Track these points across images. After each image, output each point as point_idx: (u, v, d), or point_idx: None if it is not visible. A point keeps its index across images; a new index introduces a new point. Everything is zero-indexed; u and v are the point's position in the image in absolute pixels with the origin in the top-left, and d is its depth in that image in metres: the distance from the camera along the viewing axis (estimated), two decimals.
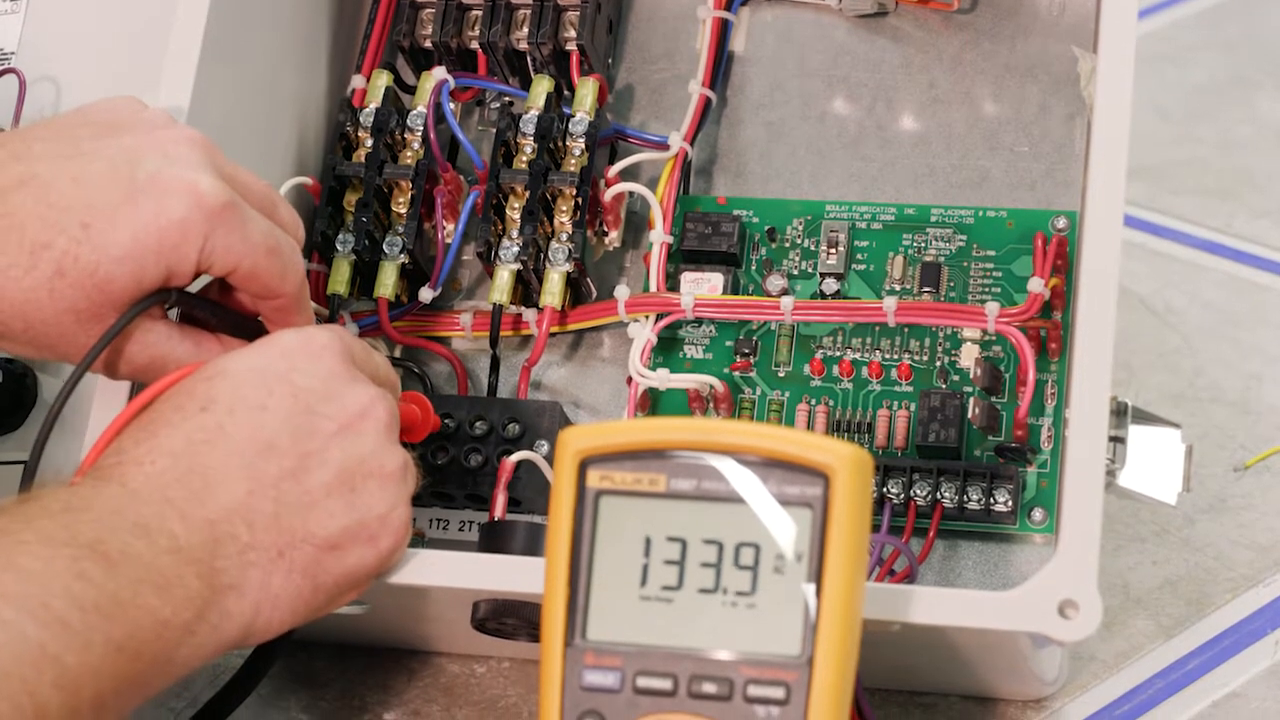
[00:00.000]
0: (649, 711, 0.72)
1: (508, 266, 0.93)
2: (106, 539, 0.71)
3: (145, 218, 0.78)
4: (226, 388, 0.77)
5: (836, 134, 0.98)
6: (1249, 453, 1.03)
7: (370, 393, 0.80)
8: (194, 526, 0.74)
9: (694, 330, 0.95)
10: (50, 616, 0.67)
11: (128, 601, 0.70)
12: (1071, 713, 0.91)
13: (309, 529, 0.76)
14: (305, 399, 0.78)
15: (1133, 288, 1.12)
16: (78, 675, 0.68)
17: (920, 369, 0.92)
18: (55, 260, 0.77)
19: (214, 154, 0.81)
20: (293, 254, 0.83)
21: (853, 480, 0.72)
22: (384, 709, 0.94)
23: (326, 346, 0.80)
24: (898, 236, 0.95)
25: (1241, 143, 1.23)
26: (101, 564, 0.70)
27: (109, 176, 0.78)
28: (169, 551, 0.73)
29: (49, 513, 0.71)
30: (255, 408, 0.77)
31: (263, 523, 0.75)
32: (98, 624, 0.69)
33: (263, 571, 0.75)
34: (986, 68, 0.98)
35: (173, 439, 0.76)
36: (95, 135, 0.80)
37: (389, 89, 0.97)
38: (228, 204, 0.79)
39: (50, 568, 0.69)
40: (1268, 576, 0.97)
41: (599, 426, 0.75)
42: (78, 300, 0.78)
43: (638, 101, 1.01)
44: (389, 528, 0.79)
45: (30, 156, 0.79)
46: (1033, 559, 0.89)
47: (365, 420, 0.79)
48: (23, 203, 0.77)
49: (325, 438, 0.78)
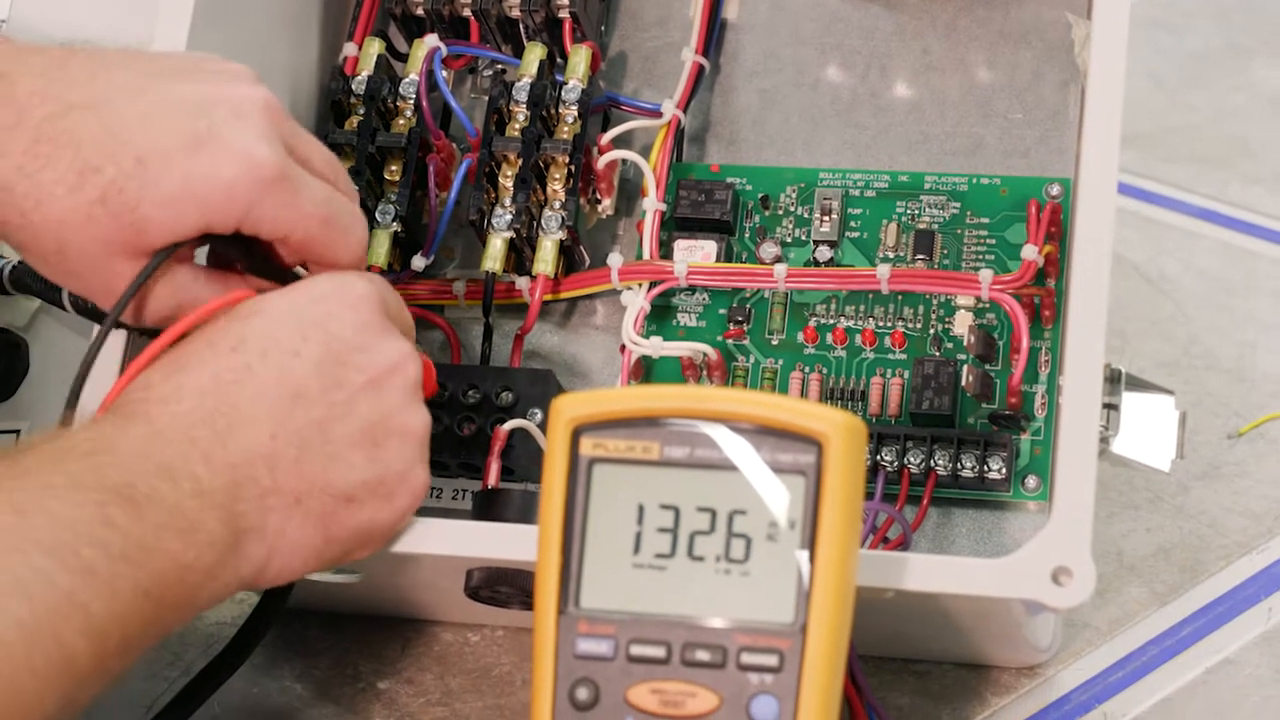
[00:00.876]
0: (642, 679, 0.72)
1: (500, 234, 0.93)
2: (133, 483, 0.71)
3: (198, 171, 0.77)
4: (259, 329, 0.77)
5: (830, 101, 0.98)
6: (1243, 420, 1.03)
7: (403, 348, 0.80)
8: (217, 469, 0.74)
9: (687, 298, 0.95)
10: (79, 564, 0.68)
11: (153, 547, 0.71)
12: (1065, 680, 0.91)
13: (328, 479, 0.77)
14: (337, 348, 0.78)
15: (1127, 255, 1.12)
16: (105, 622, 0.68)
17: (914, 336, 0.92)
18: (101, 187, 0.77)
19: (282, 121, 0.80)
20: (352, 225, 0.82)
21: (846, 448, 0.72)
22: (377, 678, 0.94)
23: (364, 297, 0.79)
24: (891, 204, 0.95)
25: (1236, 110, 1.23)
26: (128, 509, 0.70)
27: (176, 121, 0.78)
28: (193, 495, 0.73)
29: (78, 454, 0.72)
30: (287, 352, 0.77)
31: (284, 468, 0.76)
32: (124, 571, 0.69)
33: (280, 517, 0.76)
34: (980, 34, 0.97)
35: (201, 377, 0.76)
36: (174, 76, 0.80)
37: (381, 57, 0.97)
38: (280, 175, 0.79)
39: (79, 513, 0.69)
40: (1261, 543, 0.97)
41: (592, 394, 0.75)
42: (111, 232, 0.78)
43: (631, 69, 1.01)
44: (407, 486, 0.79)
45: (105, 82, 0.78)
46: (1026, 526, 0.89)
47: (394, 376, 0.79)
48: (86, 123, 0.77)
49: (353, 390, 0.78)
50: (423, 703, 0.92)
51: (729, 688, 0.72)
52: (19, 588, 0.66)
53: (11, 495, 0.68)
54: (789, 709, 0.71)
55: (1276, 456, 1.01)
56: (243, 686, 0.93)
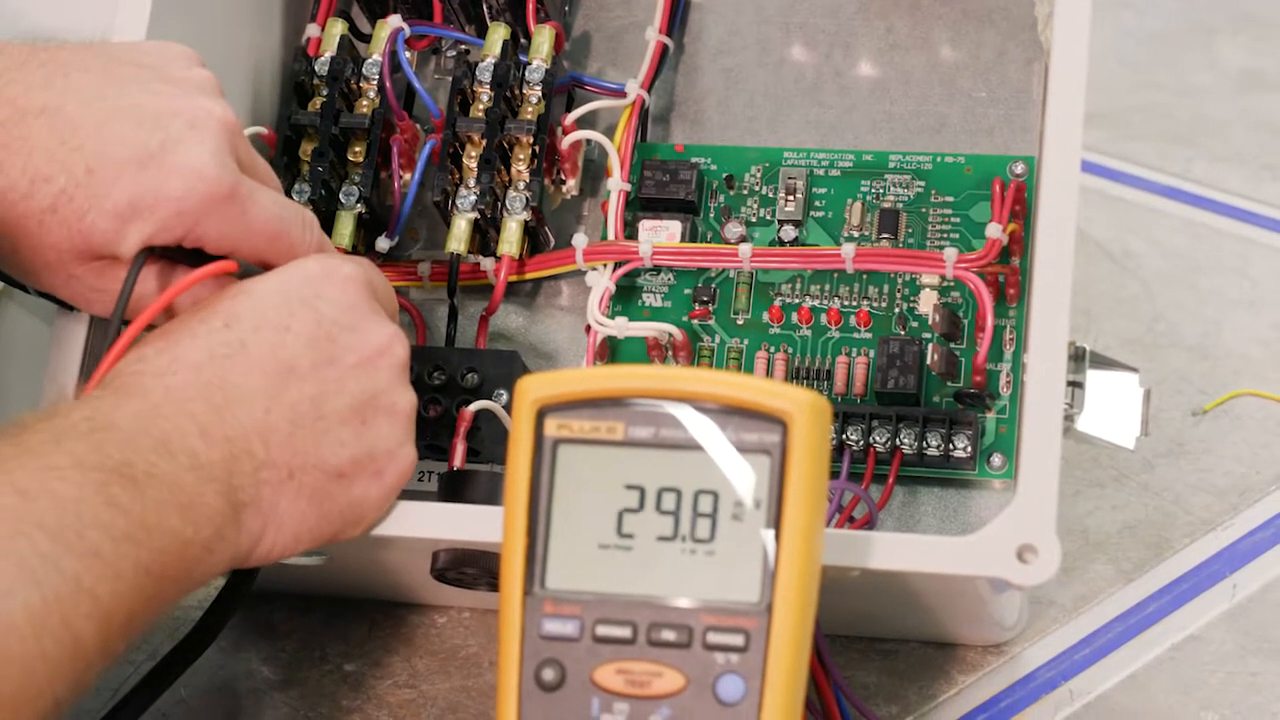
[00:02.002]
0: (608, 659, 0.72)
1: (465, 215, 0.93)
2: (133, 460, 0.71)
3: (145, 185, 0.78)
4: (250, 306, 0.78)
5: (794, 80, 0.98)
6: (1207, 397, 1.03)
7: (390, 330, 0.81)
8: (213, 442, 0.74)
9: (652, 278, 0.95)
10: (85, 548, 0.68)
11: (154, 526, 0.71)
12: (1031, 657, 0.91)
13: (320, 454, 0.77)
14: (328, 327, 0.79)
15: (1091, 233, 1.12)
16: (109, 604, 0.68)
17: (879, 315, 0.92)
18: (52, 195, 0.78)
19: (239, 139, 0.81)
20: (303, 235, 0.83)
21: (811, 427, 0.72)
22: (344, 660, 0.93)
23: (351, 278, 0.80)
24: (856, 183, 0.95)
25: (1200, 88, 1.23)
26: (129, 487, 0.70)
27: (129, 132, 0.78)
28: (190, 469, 0.73)
29: (78, 433, 0.72)
30: (279, 328, 0.78)
31: (278, 442, 0.76)
32: (128, 552, 0.69)
33: (273, 490, 0.76)
34: (944, 13, 0.97)
35: (195, 351, 0.76)
36: (135, 81, 0.80)
37: (344, 38, 0.96)
38: (229, 193, 0.79)
39: (82, 494, 0.69)
40: (1226, 520, 0.98)
41: (556, 375, 0.75)
42: (62, 240, 0.78)
43: (595, 49, 1.00)
44: (395, 464, 0.80)
45: (64, 87, 0.79)
46: (992, 504, 0.89)
47: (383, 357, 0.80)
48: (39, 130, 0.78)
49: (344, 368, 0.78)
50: (389, 685, 0.92)
51: (695, 668, 0.72)
52: (27, 574, 0.66)
53: (13, 476, 0.68)
54: (755, 688, 0.71)
55: (1240, 433, 1.02)
56: (209, 670, 0.93)
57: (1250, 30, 1.26)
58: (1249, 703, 0.89)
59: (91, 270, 0.80)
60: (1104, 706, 0.90)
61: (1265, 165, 1.18)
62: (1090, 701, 0.90)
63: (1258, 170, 1.17)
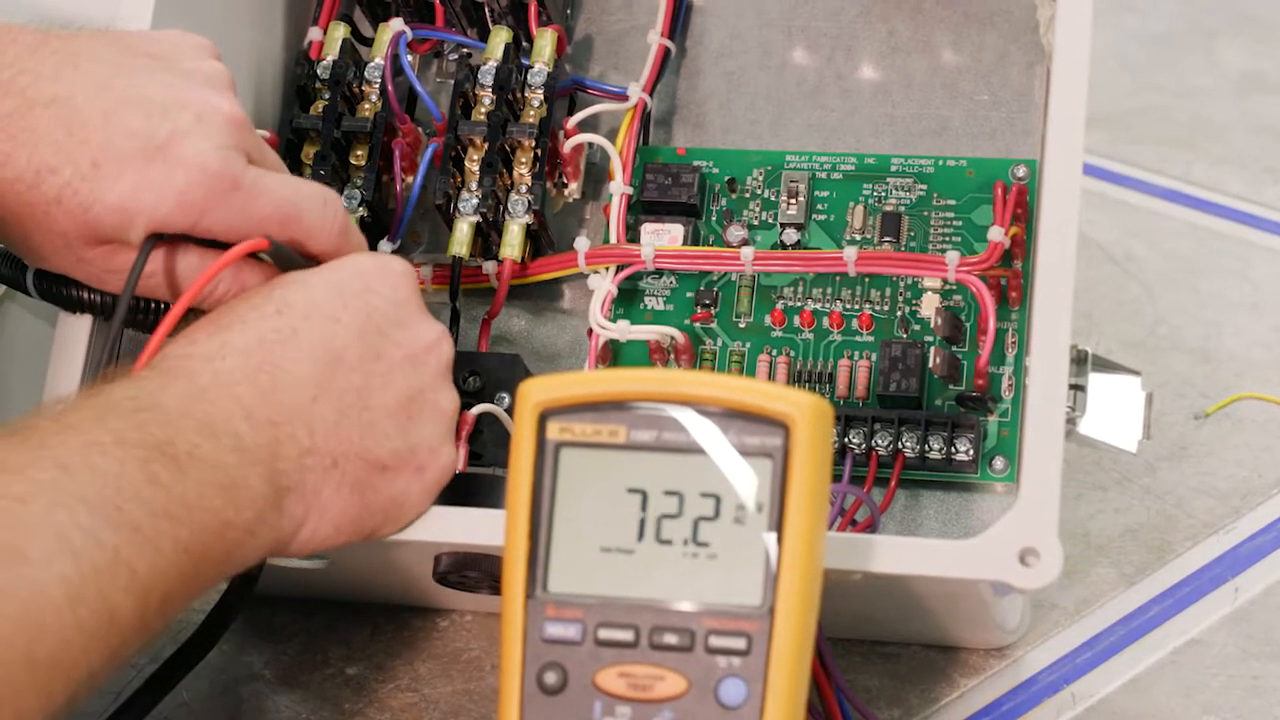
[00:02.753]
0: (610, 663, 0.72)
1: (467, 219, 0.93)
2: (175, 439, 0.72)
3: (149, 178, 0.78)
4: (302, 295, 0.79)
5: (796, 84, 0.98)
6: (1209, 400, 1.03)
7: (438, 329, 0.82)
8: (259, 425, 0.75)
9: (654, 281, 0.95)
10: (124, 521, 0.68)
11: (195, 504, 0.71)
12: (1033, 661, 0.91)
13: (365, 444, 0.78)
14: (378, 320, 0.79)
15: (1093, 236, 1.12)
16: (148, 580, 0.68)
17: (881, 319, 0.92)
18: (57, 187, 0.78)
19: (245, 132, 0.81)
20: (322, 216, 0.82)
21: (813, 430, 0.72)
22: (347, 663, 0.93)
23: (402, 275, 0.81)
24: (858, 186, 0.95)
25: (1201, 91, 1.23)
26: (171, 466, 0.71)
27: (135, 123, 0.78)
28: (234, 451, 0.73)
29: (121, 411, 0.72)
30: (329, 318, 0.78)
31: (323, 429, 0.76)
32: (167, 529, 0.69)
33: (317, 477, 0.76)
34: (946, 16, 0.97)
35: (245, 336, 0.77)
36: (145, 72, 0.80)
37: (346, 41, 0.97)
38: (232, 185, 0.79)
39: (123, 469, 0.69)
40: (1228, 523, 0.98)
41: (558, 378, 0.75)
42: (69, 229, 0.79)
43: (596, 52, 1.00)
44: (437, 461, 0.81)
45: (73, 78, 0.79)
46: (994, 508, 0.89)
47: (431, 354, 0.81)
48: (46, 122, 0.78)
49: (391, 362, 0.79)
50: (391, 688, 0.92)
51: (697, 671, 0.72)
52: (65, 544, 0.66)
53: (55, 451, 0.68)
54: (757, 691, 0.71)
55: (1242, 437, 1.02)
56: (212, 672, 0.93)
57: (1251, 33, 1.26)
58: (1251, 706, 0.89)
59: (101, 254, 0.80)
60: (1106, 710, 0.90)
61: (1266, 168, 1.18)
62: (1092, 705, 0.90)
63: (1259, 173, 1.17)
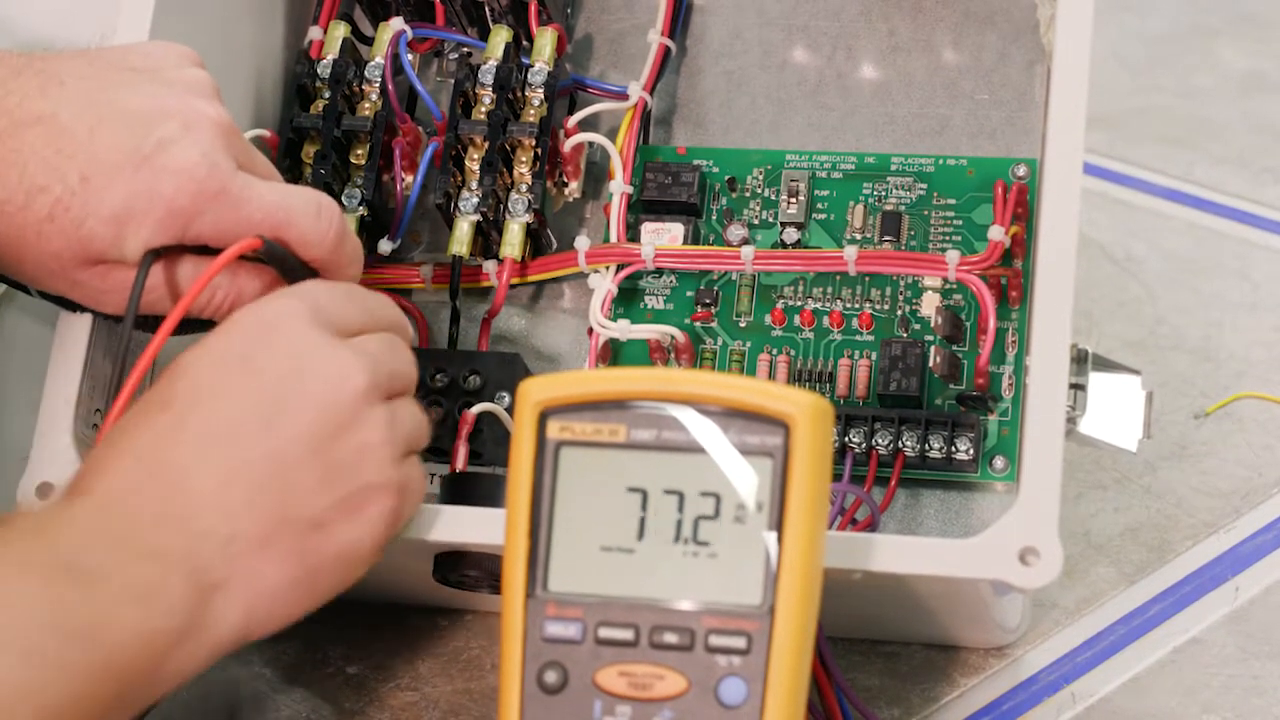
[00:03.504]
0: (611, 662, 0.72)
1: (467, 218, 0.93)
2: (81, 558, 0.69)
3: (138, 188, 0.78)
4: (186, 383, 0.75)
5: (796, 83, 0.98)
6: (1209, 400, 1.03)
7: (340, 358, 0.76)
8: (168, 530, 0.72)
9: (655, 281, 0.95)
10: (31, 648, 0.66)
11: (108, 622, 0.69)
12: (1033, 660, 0.91)
13: (289, 511, 0.74)
14: (269, 379, 0.75)
15: (1093, 236, 1.12)
16: (59, 708, 0.66)
17: (881, 318, 0.92)
18: (48, 205, 0.78)
19: (233, 138, 0.81)
20: (315, 223, 0.81)
21: (813, 429, 0.72)
22: (347, 662, 0.93)
23: (284, 315, 0.76)
24: (858, 185, 0.95)
25: (1201, 91, 1.23)
26: (78, 586, 0.68)
27: (122, 136, 0.78)
28: (148, 558, 0.71)
29: (26, 535, 0.70)
30: (217, 396, 0.75)
31: (238, 512, 0.73)
32: (79, 654, 0.67)
33: (250, 562, 0.73)
34: (946, 15, 0.97)
35: (139, 440, 0.74)
36: (129, 84, 0.80)
37: (346, 40, 0.96)
38: (219, 189, 0.79)
39: (27, 594, 0.67)
40: (1228, 522, 0.97)
41: (559, 377, 0.75)
42: (62, 247, 0.79)
43: (597, 51, 1.00)
44: (378, 497, 0.76)
45: (57, 95, 0.79)
46: (994, 507, 0.89)
47: (336, 391, 0.75)
48: (33, 141, 0.78)
49: (295, 415, 0.74)
50: (392, 687, 0.92)
51: (697, 670, 0.72)
52: None
53: None
54: (757, 691, 0.71)
55: (1242, 436, 1.01)
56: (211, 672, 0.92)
57: (1251, 32, 1.26)
58: (1251, 705, 0.89)
59: (95, 274, 0.80)
60: (1106, 709, 0.90)
61: (1266, 168, 1.18)
62: (1092, 704, 0.90)
63: (1259, 173, 1.17)
